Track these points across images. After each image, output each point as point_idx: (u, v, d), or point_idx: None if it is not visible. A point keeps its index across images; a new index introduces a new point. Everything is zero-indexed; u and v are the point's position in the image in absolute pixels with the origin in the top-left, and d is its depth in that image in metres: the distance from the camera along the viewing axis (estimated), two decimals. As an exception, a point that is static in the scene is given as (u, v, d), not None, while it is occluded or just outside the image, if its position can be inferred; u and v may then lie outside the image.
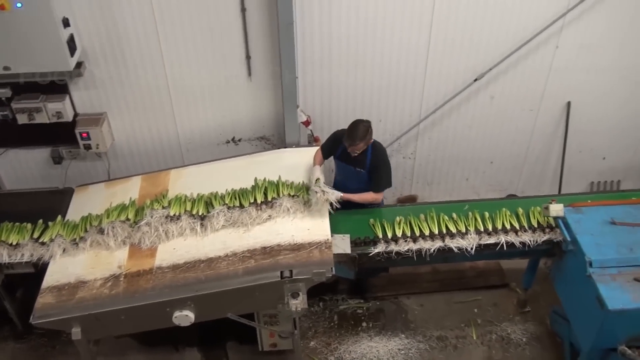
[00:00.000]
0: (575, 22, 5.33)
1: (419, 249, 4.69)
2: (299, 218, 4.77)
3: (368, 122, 4.72)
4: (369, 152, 4.86)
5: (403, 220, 4.87)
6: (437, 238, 4.75)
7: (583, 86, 5.79)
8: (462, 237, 4.74)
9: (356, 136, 4.62)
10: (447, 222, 4.85)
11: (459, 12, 5.21)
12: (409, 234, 4.77)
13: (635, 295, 4.14)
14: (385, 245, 4.71)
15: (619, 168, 6.56)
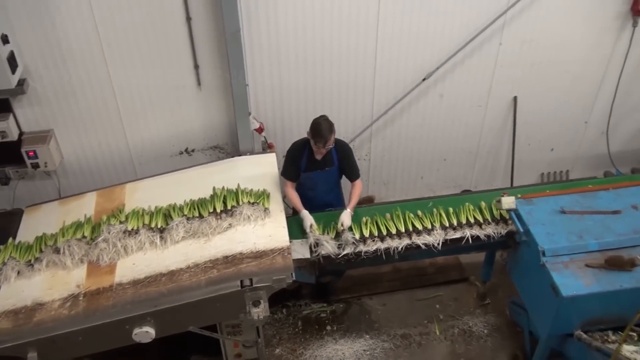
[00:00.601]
0: (516, 19, 5.49)
1: (387, 248, 4.75)
2: (260, 225, 4.73)
3: (325, 116, 4.77)
4: (333, 148, 4.90)
5: (369, 220, 4.93)
6: (404, 236, 4.82)
7: (527, 81, 5.96)
8: (429, 234, 4.83)
9: (325, 132, 4.64)
10: (413, 220, 4.93)
11: (403, 13, 5.29)
12: (376, 234, 4.83)
13: (587, 280, 4.26)
14: (354, 246, 4.75)
15: (567, 158, 6.77)
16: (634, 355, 3.94)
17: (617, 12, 5.62)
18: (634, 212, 4.74)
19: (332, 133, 4.69)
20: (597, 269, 4.34)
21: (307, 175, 5.00)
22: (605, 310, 4.34)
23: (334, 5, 5.15)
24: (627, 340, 4.13)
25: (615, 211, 4.74)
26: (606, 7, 5.59)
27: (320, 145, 4.70)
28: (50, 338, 4.05)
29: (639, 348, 4.00)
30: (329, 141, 4.68)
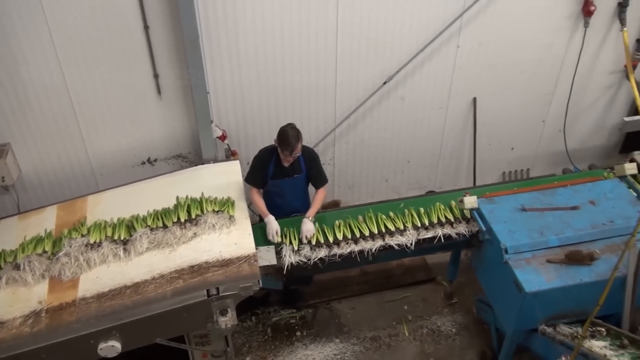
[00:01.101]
0: (473, 21, 5.58)
1: (361, 250, 4.79)
2: (225, 233, 4.70)
3: (293, 124, 4.77)
4: (300, 155, 4.91)
5: (342, 223, 4.97)
6: (377, 237, 4.87)
7: (486, 82, 6.07)
8: (402, 234, 4.88)
9: (292, 140, 4.64)
10: (386, 221, 4.98)
11: (362, 19, 5.33)
12: (349, 236, 4.86)
13: (549, 276, 4.36)
14: (328, 250, 4.77)
15: (527, 157, 6.91)
16: (603, 350, 4.00)
17: (569, 12, 5.77)
18: (592, 207, 4.87)
19: (299, 141, 4.69)
20: (558, 264, 4.44)
21: (275, 182, 4.99)
22: (568, 304, 4.44)
23: (293, 12, 5.16)
24: (595, 336, 4.21)
25: (573, 207, 4.87)
26: (558, 8, 5.73)
27: (287, 154, 4.70)
28: (11, 357, 3.94)
29: (607, 343, 4.08)
30: (295, 149, 4.68)
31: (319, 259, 4.73)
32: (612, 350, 4.01)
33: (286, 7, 5.12)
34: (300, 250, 4.76)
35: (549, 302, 4.39)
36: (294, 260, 4.70)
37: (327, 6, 5.19)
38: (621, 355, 3.95)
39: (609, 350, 4.01)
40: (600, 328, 4.25)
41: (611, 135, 6.91)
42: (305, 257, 4.73)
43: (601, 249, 4.53)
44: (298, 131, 4.70)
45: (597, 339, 4.17)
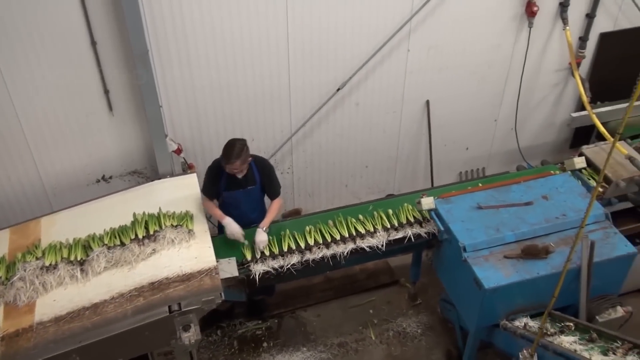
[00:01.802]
0: (421, 26, 5.68)
1: (333, 254, 4.82)
2: (184, 247, 4.65)
3: (243, 140, 4.74)
4: (254, 167, 4.91)
5: (313, 228, 5.01)
6: (348, 241, 4.91)
7: (437, 84, 6.17)
8: (372, 236, 4.93)
9: (232, 154, 4.62)
10: (356, 224, 5.03)
11: (312, 27, 5.36)
12: (321, 241, 4.88)
13: (507, 271, 4.44)
14: (300, 256, 4.78)
15: (482, 156, 7.04)
16: (574, 345, 4.05)
17: (514, 14, 5.92)
18: (545, 202, 5.00)
19: (239, 159, 4.64)
20: (515, 259, 4.54)
21: (229, 194, 4.96)
22: (527, 298, 4.54)
23: (243, 23, 5.15)
24: (564, 331, 4.26)
25: (527, 202, 4.98)
26: (503, 9, 5.87)
27: (226, 166, 4.69)
28: (-34, 389, 3.82)
29: (577, 338, 4.13)
30: (233, 165, 4.65)
31: (280, 266, 4.73)
32: (582, 345, 4.06)
33: (236, 19, 5.11)
34: (274, 258, 4.77)
35: (509, 297, 4.48)
36: (266, 269, 4.69)
37: (276, 16, 5.20)
38: (591, 349, 4.00)
39: (579, 345, 4.06)
40: (570, 323, 4.30)
41: (561, 131, 7.11)
42: (277, 265, 4.73)
43: (556, 242, 4.65)
44: (243, 149, 4.67)
45: (566, 334, 4.21)
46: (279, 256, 4.81)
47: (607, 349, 3.97)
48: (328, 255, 4.83)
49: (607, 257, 4.57)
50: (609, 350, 3.95)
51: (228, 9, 5.05)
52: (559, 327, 4.31)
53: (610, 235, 4.74)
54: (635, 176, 5.42)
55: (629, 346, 3.93)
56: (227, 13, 5.07)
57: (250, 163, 4.85)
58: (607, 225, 4.83)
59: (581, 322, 4.46)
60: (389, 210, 5.18)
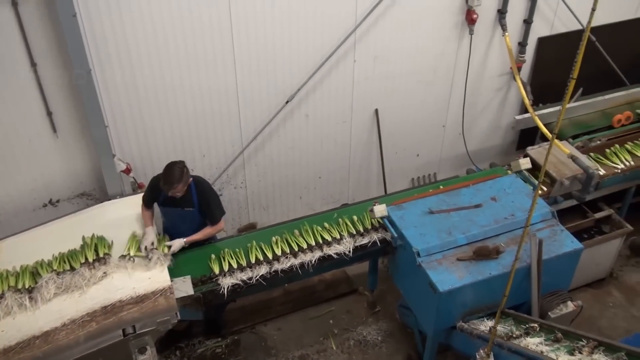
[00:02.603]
0: (365, 36, 5.76)
1: (301, 263, 4.84)
2: (137, 269, 4.58)
3: (182, 163, 4.70)
4: (193, 189, 4.84)
5: (279, 239, 5.01)
6: (315, 249, 4.93)
7: (385, 93, 6.26)
8: (339, 243, 4.96)
9: (173, 180, 4.57)
10: (322, 232, 5.07)
11: (257, 41, 5.37)
12: (288, 251, 4.91)
13: (460, 274, 4.52)
14: (269, 266, 4.78)
15: (432, 162, 7.16)
16: (540, 347, 4.06)
17: (455, 22, 6.07)
18: (494, 203, 5.12)
19: (180, 183, 4.59)
20: (468, 261, 4.63)
21: (165, 209, 4.94)
22: (481, 299, 4.63)
23: (188, 41, 5.11)
24: (530, 333, 4.25)
25: (477, 205, 5.09)
26: (445, 18, 6.02)
27: (164, 188, 4.64)
28: None
29: (542, 339, 4.14)
30: (172, 189, 4.60)
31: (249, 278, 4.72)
32: (548, 346, 4.07)
33: (180, 37, 5.08)
34: (242, 270, 4.76)
35: (463, 298, 4.56)
36: (234, 281, 4.68)
37: (221, 32, 5.19)
38: (557, 349, 4.02)
39: (545, 346, 4.07)
40: (534, 324, 4.32)
41: (507, 133, 7.30)
42: (246, 277, 4.71)
43: (506, 242, 4.77)
44: (183, 173, 4.63)
45: (531, 335, 4.23)
46: (247, 268, 4.78)
47: (573, 349, 3.96)
48: (296, 264, 4.84)
49: (555, 254, 4.71)
50: (575, 350, 3.94)
51: (172, 27, 5.01)
52: (524, 329, 4.32)
53: (557, 233, 4.89)
54: (577, 174, 5.61)
55: (594, 344, 3.93)
56: (172, 31, 5.04)
57: (190, 184, 4.79)
58: (553, 223, 4.98)
59: (534, 318, 4.58)
60: (354, 216, 5.25)
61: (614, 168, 5.98)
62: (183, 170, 4.63)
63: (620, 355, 3.73)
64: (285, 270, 4.82)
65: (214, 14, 5.08)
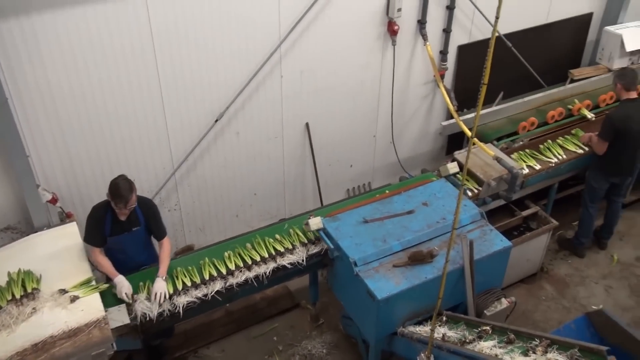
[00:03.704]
0: (291, 51, 5.81)
1: (256, 275, 4.86)
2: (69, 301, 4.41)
3: (123, 175, 4.62)
4: (137, 207, 4.75)
5: (232, 253, 5.01)
6: (269, 260, 4.97)
7: (314, 107, 6.32)
8: (292, 253, 5.02)
9: (125, 192, 4.47)
10: (274, 244, 5.12)
11: (182, 60, 5.31)
12: (242, 265, 4.91)
13: (397, 280, 4.60)
14: (223, 282, 4.79)
15: (366, 171, 7.27)
16: (494, 350, 4.07)
17: (377, 34, 6.21)
18: (425, 208, 5.24)
19: (133, 192, 4.53)
20: (404, 267, 4.71)
21: (114, 239, 4.76)
22: (419, 303, 4.72)
23: (109, 61, 5.01)
24: (483, 336, 4.26)
25: (409, 211, 5.20)
26: (367, 30, 6.14)
27: (121, 207, 4.53)
28: None
29: (495, 342, 4.16)
30: (130, 201, 4.52)
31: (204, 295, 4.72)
32: (502, 349, 4.09)
33: (101, 59, 4.96)
34: (197, 288, 4.73)
35: (402, 304, 4.63)
36: (190, 299, 4.66)
37: (144, 54, 5.11)
38: (511, 351, 4.03)
39: (499, 349, 4.08)
40: (486, 327, 4.35)
41: (435, 139, 7.51)
42: (202, 294, 4.70)
43: (439, 245, 4.88)
44: (130, 182, 4.56)
45: (485, 339, 4.26)
46: (201, 285, 4.75)
47: (526, 349, 3.97)
48: (251, 277, 4.85)
49: (486, 253, 4.86)
50: (529, 350, 3.95)
51: (92, 51, 4.89)
52: (476, 333, 4.35)
53: (487, 233, 5.05)
54: (503, 175, 5.82)
55: (547, 343, 3.96)
56: (92, 56, 4.91)
57: None
58: (483, 224, 5.14)
59: (471, 318, 4.70)
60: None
61: (548, 163, 6.28)
62: (128, 180, 4.55)
63: (574, 352, 3.78)
64: (241, 284, 4.84)
65: (135, 35, 5.00)
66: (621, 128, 5.87)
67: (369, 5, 6.01)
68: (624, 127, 5.87)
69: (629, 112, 5.92)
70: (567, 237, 7.00)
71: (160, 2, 4.97)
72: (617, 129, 5.87)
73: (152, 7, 4.95)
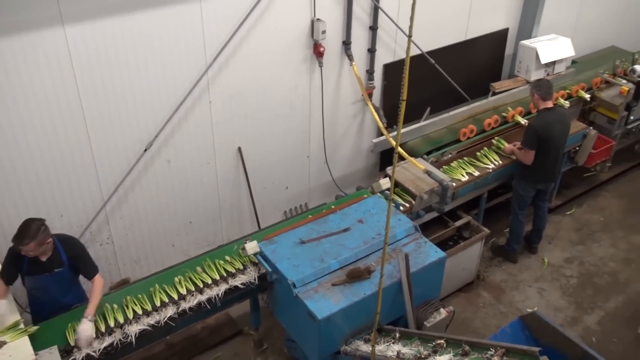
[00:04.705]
0: (218, 77, 5.79)
1: (209, 298, 4.87)
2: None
3: (41, 220, 4.43)
4: (60, 247, 4.59)
5: (182, 278, 5.01)
6: (221, 282, 5.00)
7: (246, 130, 6.30)
8: (243, 273, 5.07)
9: (25, 235, 4.29)
10: (225, 265, 5.16)
11: (106, 90, 5.20)
12: (193, 288, 4.92)
13: (336, 298, 4.61)
14: (176, 307, 4.77)
15: (302, 192, 7.30)
16: None
17: (304, 56, 6.29)
18: (361, 225, 5.30)
19: (34, 240, 4.30)
20: (342, 285, 4.73)
21: (33, 279, 4.58)
22: (360, 319, 4.74)
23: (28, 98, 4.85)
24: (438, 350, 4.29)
25: (345, 229, 5.24)
26: (294, 53, 6.21)
27: (21, 249, 4.35)
28: None
29: (451, 355, 4.21)
30: (25, 246, 4.31)
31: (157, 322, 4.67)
32: None
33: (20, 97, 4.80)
34: (149, 315, 4.68)
35: (343, 322, 4.64)
36: (142, 327, 4.59)
37: (65, 83, 4.97)
38: None
39: None
40: (441, 341, 4.36)
41: (368, 157, 7.63)
42: (154, 321, 4.66)
43: (376, 261, 4.94)
44: (41, 228, 4.36)
45: (440, 353, 4.29)
46: (153, 312, 4.70)
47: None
48: (203, 300, 4.85)
49: (422, 265, 4.95)
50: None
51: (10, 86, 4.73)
52: (431, 348, 4.37)
53: (422, 245, 5.15)
54: (434, 187, 5.98)
55: (502, 352, 4.01)
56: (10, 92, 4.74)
57: (55, 244, 4.55)
58: (417, 237, 5.25)
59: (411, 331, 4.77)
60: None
61: (486, 169, 6.56)
62: (40, 227, 4.35)
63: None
64: (194, 308, 4.82)
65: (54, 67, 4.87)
66: (543, 136, 6.15)
67: (294, 28, 6.09)
68: (545, 135, 6.15)
69: (549, 120, 6.22)
70: (499, 244, 7.23)
71: (80, 33, 4.87)
72: (540, 137, 6.15)
73: (72, 38, 4.84)
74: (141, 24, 5.14)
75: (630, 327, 6.26)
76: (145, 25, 5.16)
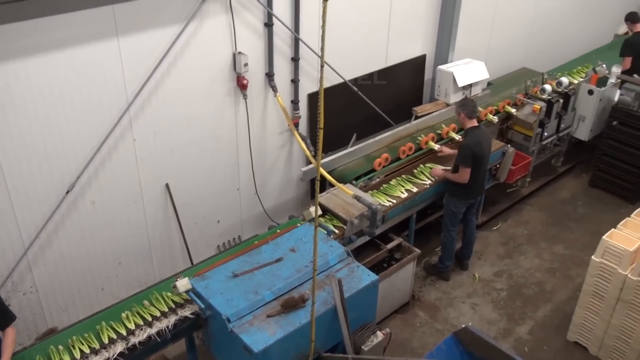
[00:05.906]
0: (141, 113, 5.71)
1: (158, 330, 4.81)
2: None
3: None
4: None
5: (130, 313, 4.96)
6: (170, 314, 4.94)
7: (173, 166, 6.22)
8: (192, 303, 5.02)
9: None
10: (172, 297, 5.11)
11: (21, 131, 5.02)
12: (149, 319, 4.88)
13: (272, 330, 4.57)
14: (125, 342, 4.69)
15: (234, 225, 7.24)
16: None
17: (227, 89, 6.30)
18: (293, 254, 5.31)
19: None
20: (278, 316, 4.71)
21: None
22: (298, 348, 4.71)
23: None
24: None
25: (278, 259, 5.24)
26: (217, 87, 6.21)
27: None
28: None
29: None
30: None
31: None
32: None
33: None
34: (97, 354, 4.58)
35: (280, 353, 4.60)
36: None
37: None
38: None
39: None
40: None
41: (299, 185, 7.67)
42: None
43: (310, 289, 4.92)
44: None
45: None
46: (101, 350, 4.60)
47: None
48: (153, 333, 4.78)
49: (356, 289, 4.99)
50: None
51: None
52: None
53: (355, 270, 5.21)
54: (364, 212, 6.07)
55: None
56: None
57: None
58: (350, 261, 5.30)
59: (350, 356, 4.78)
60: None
61: (423, 185, 6.80)
62: None
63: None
64: (144, 342, 4.73)
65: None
66: (477, 153, 6.41)
67: (216, 62, 6.11)
68: (478, 152, 6.42)
69: (478, 138, 6.48)
70: (432, 263, 7.40)
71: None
72: (474, 153, 6.39)
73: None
74: (57, 62, 5.02)
75: (559, 334, 6.52)
76: (61, 63, 5.04)
